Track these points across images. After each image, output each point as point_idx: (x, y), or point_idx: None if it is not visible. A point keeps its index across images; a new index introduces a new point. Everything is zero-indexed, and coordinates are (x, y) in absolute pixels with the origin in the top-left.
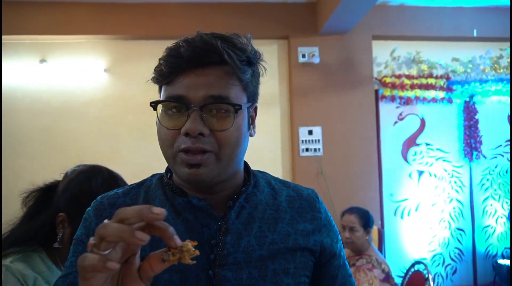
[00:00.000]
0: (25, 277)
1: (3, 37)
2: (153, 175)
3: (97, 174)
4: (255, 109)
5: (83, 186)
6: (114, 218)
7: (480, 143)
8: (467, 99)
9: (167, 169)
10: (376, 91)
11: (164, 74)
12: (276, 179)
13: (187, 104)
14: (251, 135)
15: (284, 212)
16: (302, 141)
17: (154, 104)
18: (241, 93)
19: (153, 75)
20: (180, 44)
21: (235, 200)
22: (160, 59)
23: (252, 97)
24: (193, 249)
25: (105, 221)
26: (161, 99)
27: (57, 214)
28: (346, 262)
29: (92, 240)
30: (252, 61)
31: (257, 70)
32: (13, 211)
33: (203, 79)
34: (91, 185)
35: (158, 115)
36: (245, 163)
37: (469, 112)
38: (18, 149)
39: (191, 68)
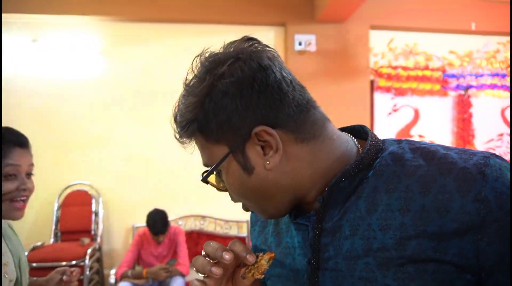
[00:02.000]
0: None
1: None
2: None
3: None
4: (259, 135)
5: None
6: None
7: (473, 137)
8: (462, 93)
9: None
10: (372, 82)
11: None
12: (421, 149)
13: None
14: (268, 169)
15: (410, 201)
16: None
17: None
18: (215, 148)
19: None
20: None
21: (329, 191)
22: None
23: (233, 134)
24: (266, 263)
25: (203, 252)
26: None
27: None
28: None
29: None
30: (189, 121)
31: (217, 102)
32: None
33: None
34: None
35: None
36: (367, 132)
37: (463, 106)
38: None
39: None
